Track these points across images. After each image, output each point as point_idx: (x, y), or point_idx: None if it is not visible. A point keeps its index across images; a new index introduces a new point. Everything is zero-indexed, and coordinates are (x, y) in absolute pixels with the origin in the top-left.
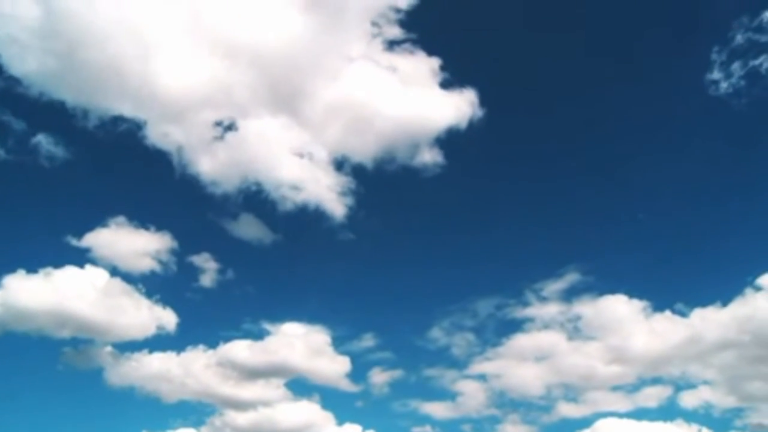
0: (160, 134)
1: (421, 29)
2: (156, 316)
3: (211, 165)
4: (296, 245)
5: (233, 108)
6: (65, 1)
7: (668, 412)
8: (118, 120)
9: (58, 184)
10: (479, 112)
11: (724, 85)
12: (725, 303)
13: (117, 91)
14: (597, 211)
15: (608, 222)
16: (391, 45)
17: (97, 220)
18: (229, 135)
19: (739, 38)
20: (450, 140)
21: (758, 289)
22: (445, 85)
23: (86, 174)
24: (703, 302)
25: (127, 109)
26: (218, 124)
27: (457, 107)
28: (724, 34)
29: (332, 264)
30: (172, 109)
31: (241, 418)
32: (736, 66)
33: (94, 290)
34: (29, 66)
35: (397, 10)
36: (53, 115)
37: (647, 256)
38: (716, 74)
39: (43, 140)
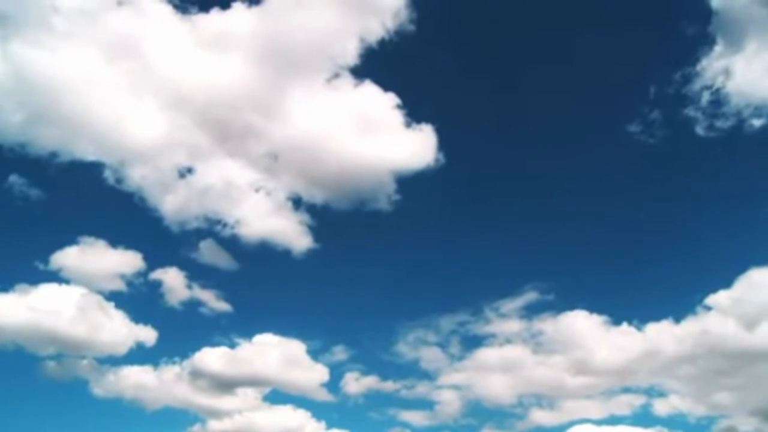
0: (122, 176)
1: (379, 67)
2: (132, 331)
3: (173, 204)
4: (260, 272)
5: (192, 151)
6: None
7: (643, 419)
8: (82, 163)
9: (29, 213)
10: (437, 146)
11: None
12: (678, 320)
13: (82, 138)
14: (552, 235)
15: (562, 245)
16: (348, 82)
17: (68, 240)
18: (189, 177)
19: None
20: (408, 172)
21: (708, 308)
22: (403, 121)
23: (55, 205)
24: (657, 317)
25: (91, 154)
26: (178, 166)
27: (415, 142)
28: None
29: (295, 287)
30: (133, 153)
31: (221, 426)
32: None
33: (69, 307)
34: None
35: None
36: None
37: (601, 275)
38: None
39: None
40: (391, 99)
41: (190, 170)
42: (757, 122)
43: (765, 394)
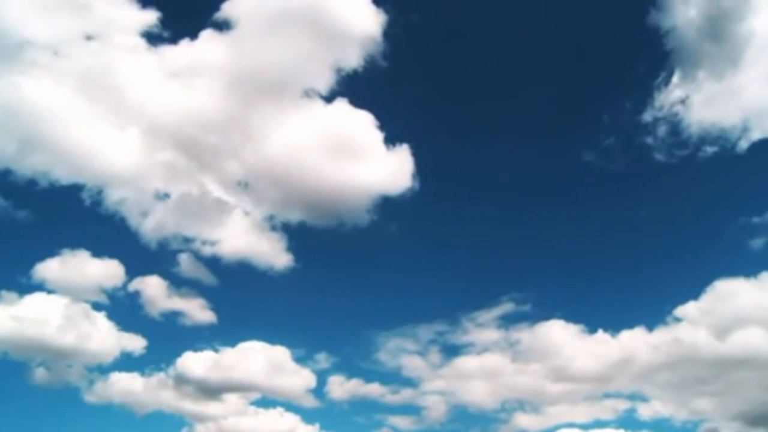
0: (101, 198)
1: (352, 91)
2: (118, 339)
3: (152, 224)
4: (241, 286)
5: (169, 174)
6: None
7: (628, 423)
8: (63, 186)
9: (11, 230)
10: (413, 165)
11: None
12: (651, 328)
13: (61, 163)
14: (526, 250)
15: (536, 259)
16: (321, 105)
17: (49, 252)
18: (166, 199)
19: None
20: (385, 191)
21: (679, 319)
22: (380, 142)
23: (37, 223)
24: (630, 325)
25: (70, 178)
26: (155, 189)
27: (392, 162)
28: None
29: (277, 299)
30: (111, 177)
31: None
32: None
33: (56, 316)
34: None
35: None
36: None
37: (574, 287)
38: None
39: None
40: (365, 121)
41: (167, 194)
42: (710, 149)
43: (744, 399)
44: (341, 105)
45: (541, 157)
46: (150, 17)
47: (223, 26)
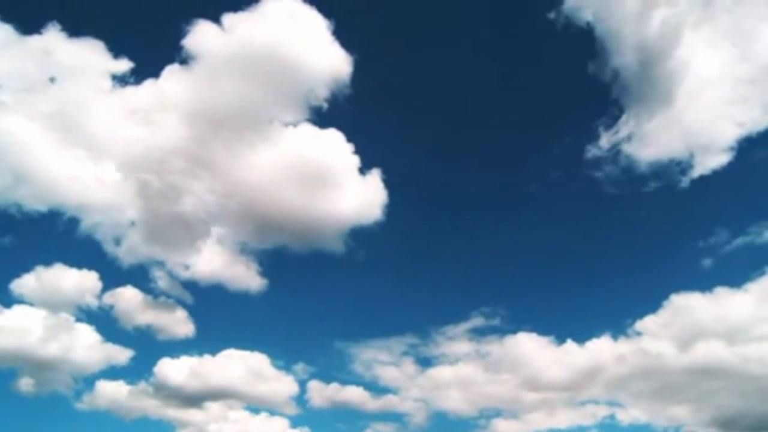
0: (76, 225)
1: (320, 120)
2: (102, 349)
3: (126, 248)
4: (218, 305)
5: (139, 204)
6: None
7: (608, 429)
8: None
9: None
10: (384, 188)
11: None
12: (615, 339)
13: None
14: (494, 267)
15: (504, 276)
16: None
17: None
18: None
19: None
20: (357, 214)
21: (640, 332)
22: (351, 169)
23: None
24: (598, 335)
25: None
26: (128, 217)
27: (363, 186)
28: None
29: (253, 315)
30: (85, 205)
31: None
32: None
33: (37, 328)
34: None
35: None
36: None
37: (541, 301)
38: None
39: None
40: (335, 148)
41: (133, 223)
42: (653, 184)
43: (716, 406)
44: (310, 132)
45: (503, 182)
46: (120, 64)
47: (187, 61)
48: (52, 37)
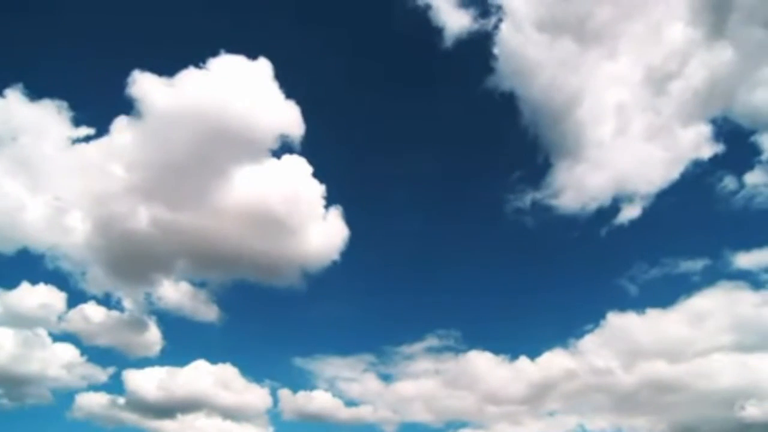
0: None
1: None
2: (76, 364)
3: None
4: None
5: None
6: None
7: None
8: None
9: None
10: (345, 223)
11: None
12: (564, 354)
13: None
14: (448, 292)
15: (455, 303)
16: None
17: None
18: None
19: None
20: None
21: (583, 350)
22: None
23: None
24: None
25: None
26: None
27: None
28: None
29: (216, 340)
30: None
31: None
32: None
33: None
34: None
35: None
36: None
37: (492, 323)
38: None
39: None
40: (295, 188)
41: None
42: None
43: (671, 415)
44: (265, 174)
45: (450, 222)
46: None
47: (137, 115)
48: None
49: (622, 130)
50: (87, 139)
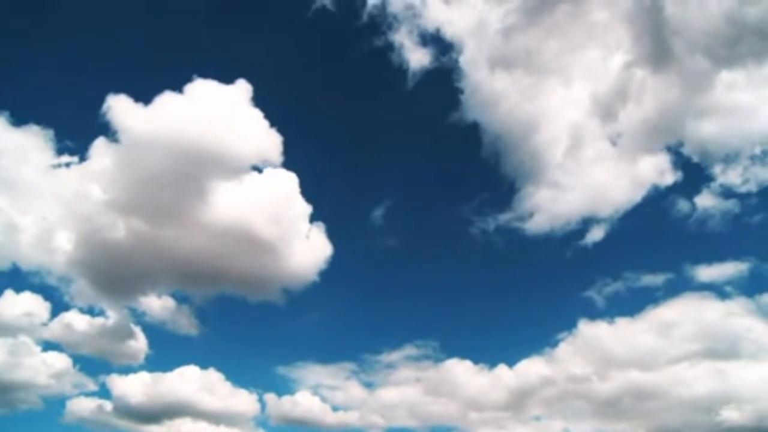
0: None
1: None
2: (67, 371)
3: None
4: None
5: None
6: None
7: None
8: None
9: None
10: (327, 238)
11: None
12: (540, 361)
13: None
14: (425, 303)
15: (433, 313)
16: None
17: None
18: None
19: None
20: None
21: (559, 358)
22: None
23: None
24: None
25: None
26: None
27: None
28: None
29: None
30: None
31: None
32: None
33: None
34: None
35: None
36: None
37: (470, 332)
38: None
39: None
40: (279, 206)
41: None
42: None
43: (653, 420)
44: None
45: (429, 234)
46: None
47: (116, 139)
48: None
49: (577, 156)
50: (68, 164)
